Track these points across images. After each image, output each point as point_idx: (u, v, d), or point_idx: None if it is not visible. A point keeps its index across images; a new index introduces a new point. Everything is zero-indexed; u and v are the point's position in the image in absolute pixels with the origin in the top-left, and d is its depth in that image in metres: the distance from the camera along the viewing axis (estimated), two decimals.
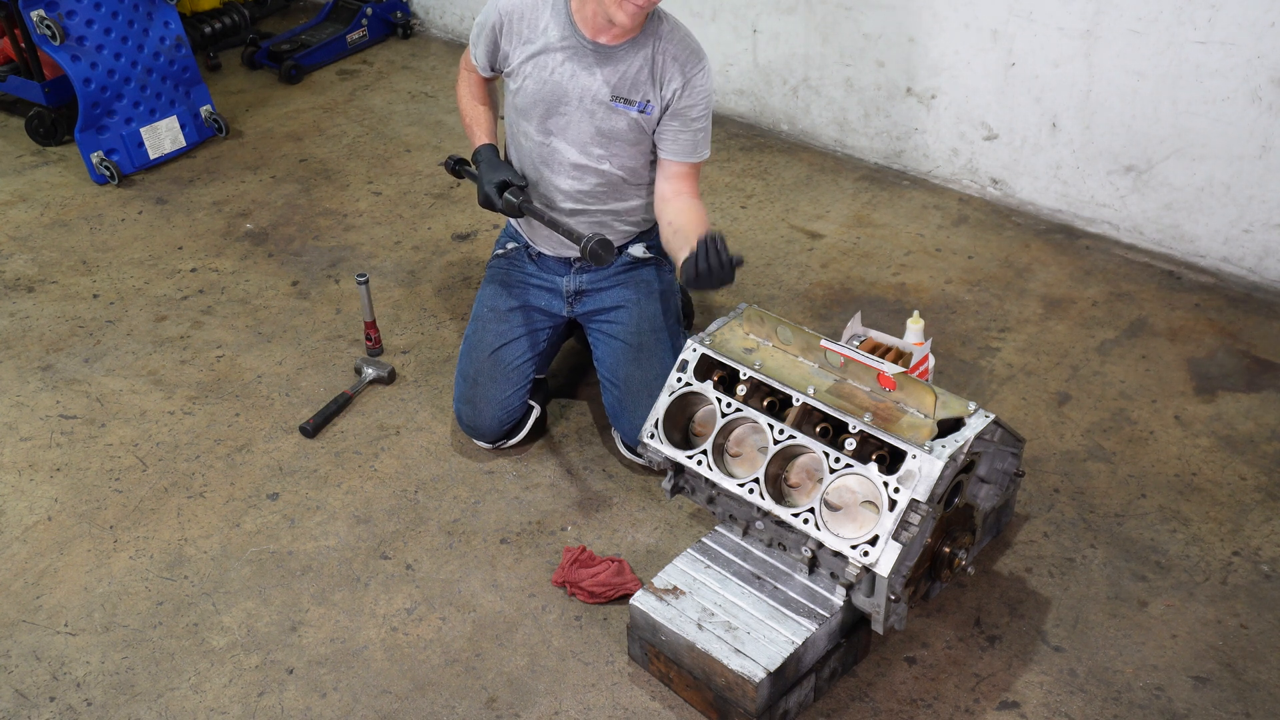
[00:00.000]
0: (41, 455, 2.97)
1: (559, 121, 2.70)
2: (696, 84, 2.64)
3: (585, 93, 2.65)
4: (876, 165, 4.19)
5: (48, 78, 4.28)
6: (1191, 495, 2.76)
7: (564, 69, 2.64)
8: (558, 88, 2.66)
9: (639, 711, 2.30)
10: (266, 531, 2.73)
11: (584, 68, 2.63)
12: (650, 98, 2.64)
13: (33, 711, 2.32)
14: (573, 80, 2.64)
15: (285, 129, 4.60)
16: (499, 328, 2.87)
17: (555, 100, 2.67)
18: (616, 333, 2.83)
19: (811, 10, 4.08)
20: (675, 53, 2.62)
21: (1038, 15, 3.57)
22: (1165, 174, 3.52)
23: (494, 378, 2.83)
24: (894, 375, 2.24)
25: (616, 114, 2.65)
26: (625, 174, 2.75)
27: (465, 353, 2.90)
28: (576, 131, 2.69)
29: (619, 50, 2.62)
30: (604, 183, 2.75)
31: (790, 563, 2.35)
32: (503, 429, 2.87)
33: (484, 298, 2.94)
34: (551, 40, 2.64)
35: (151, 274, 3.70)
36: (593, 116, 2.66)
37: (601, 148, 2.70)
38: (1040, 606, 2.50)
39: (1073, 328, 3.34)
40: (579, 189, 2.75)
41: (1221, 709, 2.28)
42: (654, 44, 2.62)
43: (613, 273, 2.88)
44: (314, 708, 2.32)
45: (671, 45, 2.62)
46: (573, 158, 2.72)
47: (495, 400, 2.83)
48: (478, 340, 2.88)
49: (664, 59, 2.62)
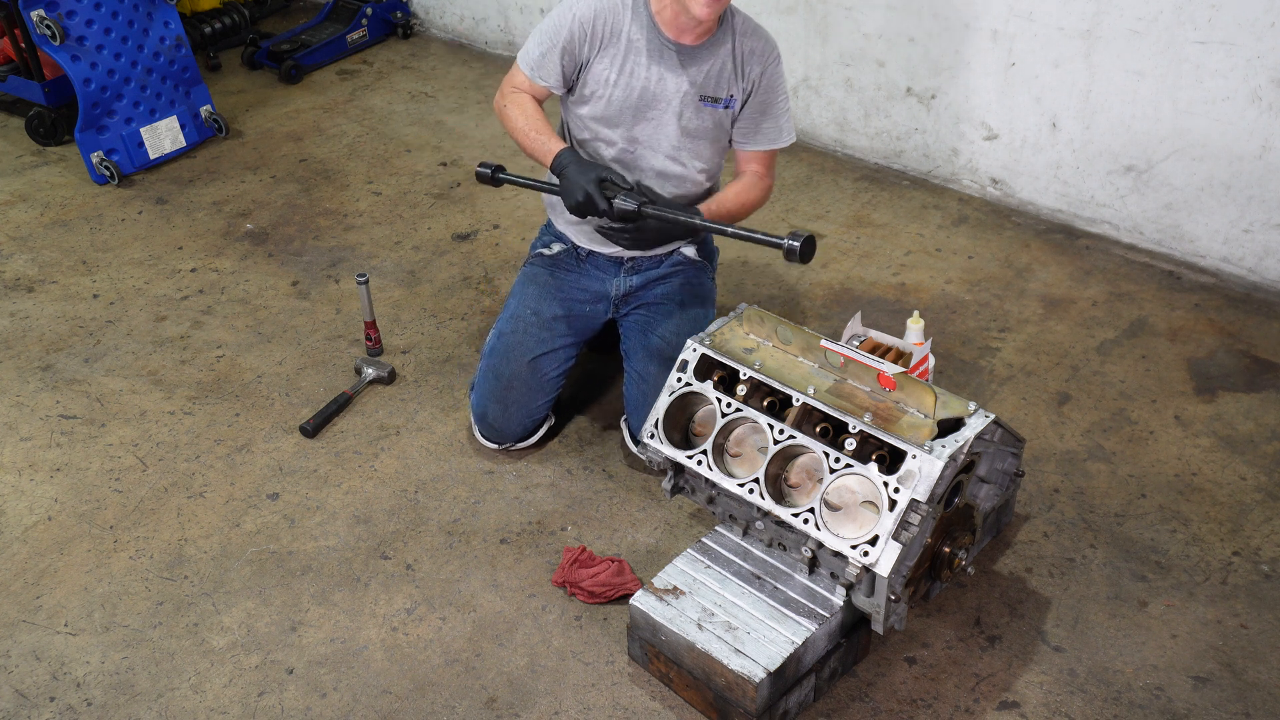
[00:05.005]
0: (41, 455, 2.97)
1: (646, 127, 2.70)
2: (773, 73, 2.70)
3: (674, 94, 2.66)
4: (876, 165, 4.19)
5: (48, 78, 4.28)
6: (1191, 495, 2.76)
7: (651, 72, 2.65)
8: (645, 92, 2.66)
9: (639, 711, 2.30)
10: (266, 531, 2.73)
11: (670, 69, 2.64)
12: (734, 92, 2.69)
13: (33, 711, 2.32)
14: (660, 83, 2.65)
15: (285, 129, 4.61)
16: (540, 335, 2.84)
17: (644, 104, 2.67)
18: (654, 330, 2.83)
19: (811, 10, 4.07)
20: (753, 45, 2.68)
21: (1038, 15, 3.57)
22: (1165, 174, 3.52)
23: (530, 385, 2.82)
24: (894, 375, 2.24)
25: (704, 113, 2.68)
26: (704, 174, 2.79)
27: (501, 351, 2.84)
28: (664, 134, 2.70)
29: (701, 50, 2.64)
30: (682, 183, 2.77)
31: (790, 563, 2.35)
32: (524, 434, 2.89)
33: (526, 298, 2.89)
34: (636, 44, 2.64)
35: (151, 274, 3.70)
36: (680, 118, 2.68)
37: (687, 148, 2.72)
38: (1040, 606, 2.50)
39: (1073, 328, 3.34)
40: (656, 188, 2.75)
41: (1221, 709, 2.28)
42: (733, 39, 2.66)
43: (663, 274, 2.89)
44: (314, 708, 2.32)
45: (748, 39, 2.68)
46: (658, 164, 2.73)
47: (527, 408, 2.84)
48: (517, 342, 2.83)
49: (743, 52, 2.67)
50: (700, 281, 2.93)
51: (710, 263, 3.01)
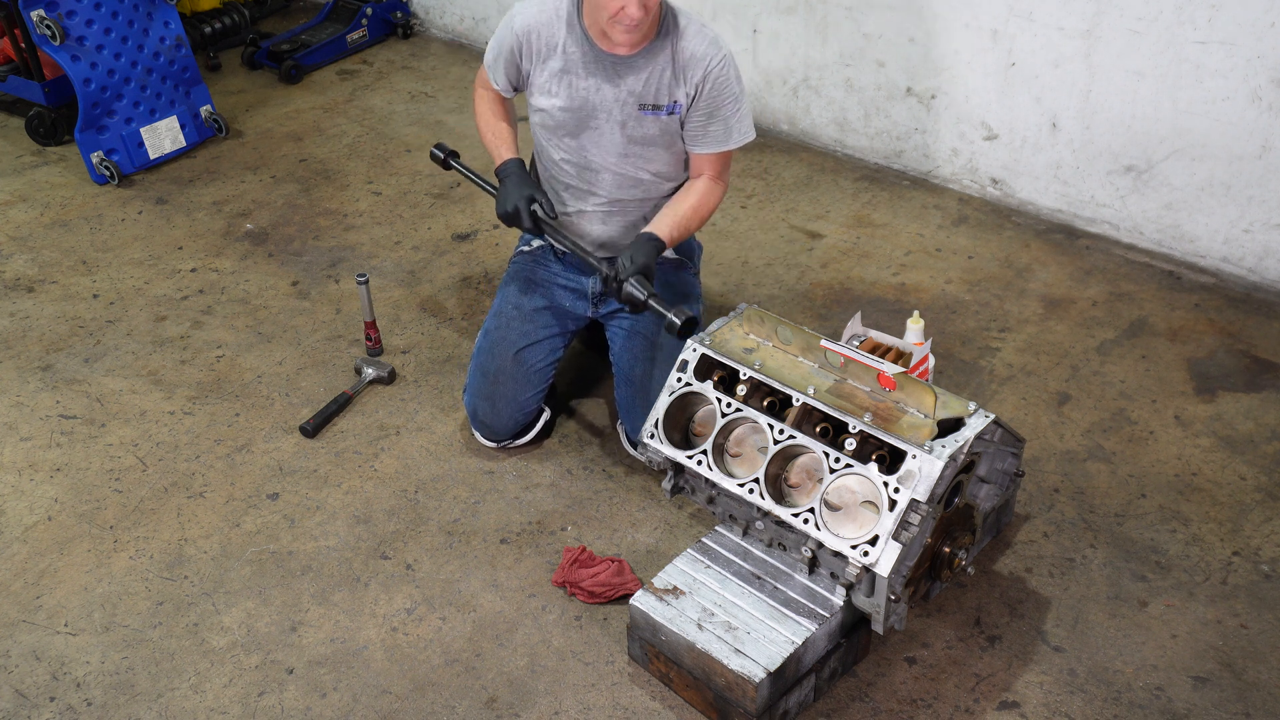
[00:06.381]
0: (41, 455, 2.97)
1: (591, 135, 2.70)
2: (717, 76, 2.61)
3: (613, 104, 2.64)
4: (876, 165, 4.19)
5: (48, 78, 4.28)
6: (1191, 495, 2.76)
7: (589, 84, 2.64)
8: (585, 103, 2.65)
9: (639, 711, 2.30)
10: (266, 531, 2.73)
11: (607, 80, 2.63)
12: (678, 98, 2.64)
13: (33, 711, 2.32)
14: (598, 94, 2.64)
15: (285, 129, 4.60)
16: (524, 327, 2.86)
17: (586, 115, 2.67)
18: (636, 330, 2.82)
19: (811, 10, 4.08)
20: (694, 49, 2.60)
21: (1038, 15, 3.57)
22: (1165, 174, 3.52)
23: (516, 379, 2.83)
24: (894, 375, 2.24)
25: (646, 121, 2.66)
26: (662, 176, 2.76)
27: (486, 349, 2.87)
28: (610, 142, 2.69)
29: (637, 59, 2.61)
30: (640, 185, 2.76)
31: (790, 563, 2.35)
32: (517, 429, 2.89)
33: (508, 294, 2.92)
34: (572, 56, 2.63)
35: (151, 274, 3.70)
36: (623, 127, 2.67)
37: (636, 154, 2.71)
38: (1040, 606, 2.50)
39: (1073, 328, 3.34)
40: (616, 195, 2.77)
41: (1221, 709, 2.28)
42: (672, 43, 2.61)
43: None
44: (314, 708, 2.32)
45: (689, 42, 2.60)
46: (611, 167, 2.73)
47: (515, 401, 2.84)
48: (501, 338, 2.86)
49: (683, 56, 2.61)
50: (680, 279, 2.92)
51: (691, 259, 2.99)
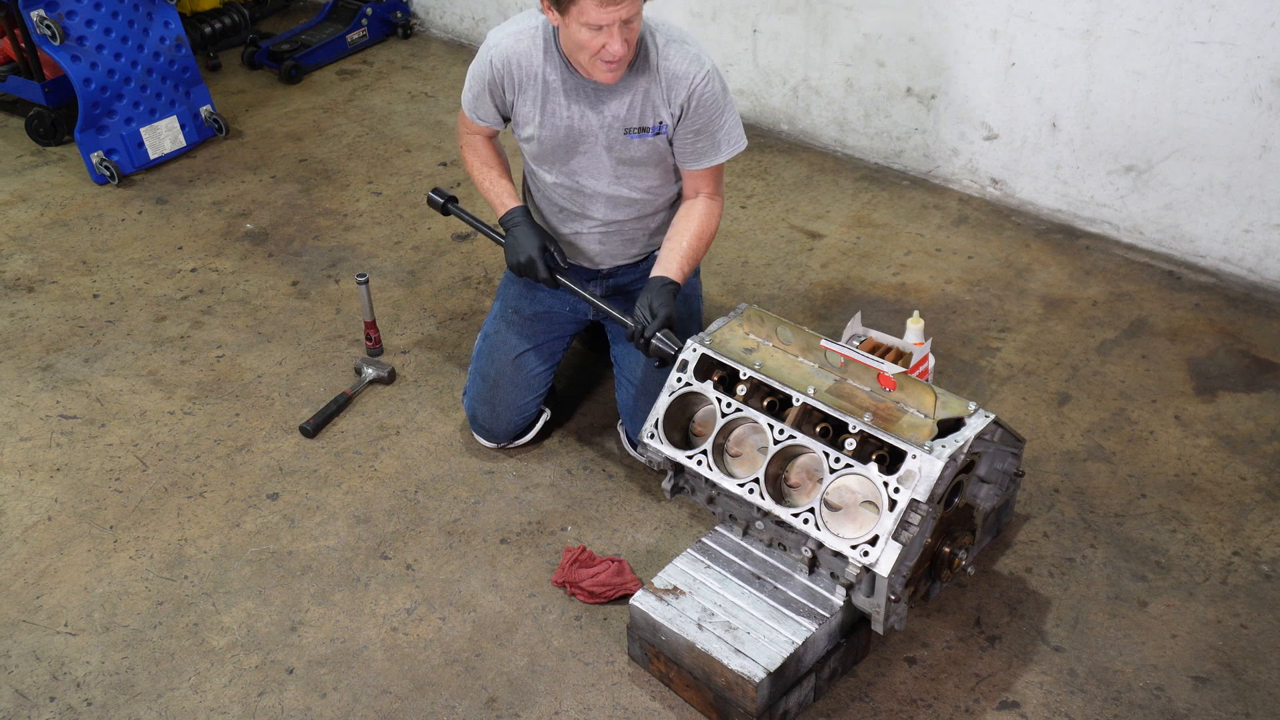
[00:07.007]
0: (41, 455, 2.97)
1: (580, 161, 2.67)
2: (703, 92, 2.56)
3: (598, 130, 2.60)
4: (876, 165, 4.19)
5: (48, 78, 4.28)
6: (1191, 495, 2.76)
7: (572, 111, 2.60)
8: (571, 130, 2.62)
9: (639, 711, 2.30)
10: (266, 531, 2.73)
11: (590, 106, 2.59)
12: (663, 118, 2.59)
13: (33, 711, 2.32)
14: (582, 120, 2.60)
15: (285, 129, 4.60)
16: (524, 331, 2.86)
17: (573, 141, 2.64)
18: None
19: (811, 10, 4.07)
20: (677, 69, 2.54)
21: (1038, 15, 3.57)
22: (1165, 174, 3.52)
23: (515, 383, 2.83)
24: (894, 375, 2.24)
25: (633, 144, 2.62)
26: (654, 192, 2.74)
27: (485, 352, 2.87)
28: (600, 166, 2.66)
29: (618, 84, 2.55)
30: (634, 204, 2.75)
31: (790, 563, 2.35)
32: (516, 432, 2.90)
33: (507, 298, 2.91)
34: (552, 84, 2.59)
35: (151, 274, 3.70)
36: (610, 151, 2.64)
37: (627, 174, 2.68)
38: (1040, 606, 2.50)
39: (1073, 328, 3.34)
40: (612, 216, 2.74)
41: (1221, 709, 2.28)
42: (654, 64, 2.55)
43: (640, 276, 2.88)
44: (314, 708, 2.32)
45: (670, 61, 2.54)
46: (604, 190, 2.70)
47: (514, 405, 2.84)
48: (500, 342, 2.86)
49: (666, 76, 2.55)
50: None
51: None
